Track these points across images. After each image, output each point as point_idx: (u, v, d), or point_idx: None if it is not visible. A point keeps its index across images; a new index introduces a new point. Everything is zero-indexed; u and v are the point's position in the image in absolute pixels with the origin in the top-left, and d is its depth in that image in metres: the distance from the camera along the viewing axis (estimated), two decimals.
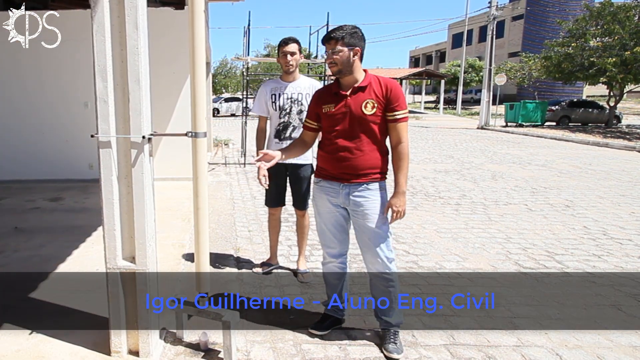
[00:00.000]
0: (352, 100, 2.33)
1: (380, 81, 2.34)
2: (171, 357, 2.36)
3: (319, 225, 2.59)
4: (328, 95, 2.44)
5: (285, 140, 3.25)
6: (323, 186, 2.50)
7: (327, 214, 2.52)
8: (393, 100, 2.30)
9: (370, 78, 2.35)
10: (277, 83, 3.31)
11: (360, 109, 2.31)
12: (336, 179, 2.42)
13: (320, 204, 2.53)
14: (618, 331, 2.70)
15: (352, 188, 2.38)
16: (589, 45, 18.71)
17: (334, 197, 2.45)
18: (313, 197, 2.62)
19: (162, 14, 6.35)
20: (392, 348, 2.40)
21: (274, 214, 3.52)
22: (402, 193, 2.35)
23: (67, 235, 4.23)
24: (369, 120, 2.31)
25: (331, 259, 2.61)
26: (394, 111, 2.31)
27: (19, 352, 2.32)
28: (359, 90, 2.34)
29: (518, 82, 29.53)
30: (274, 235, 3.59)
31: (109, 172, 2.13)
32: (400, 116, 2.32)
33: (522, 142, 14.73)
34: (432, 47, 55.75)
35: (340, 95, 2.37)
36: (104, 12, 2.01)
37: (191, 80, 2.20)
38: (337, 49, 2.28)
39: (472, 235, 4.60)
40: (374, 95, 2.31)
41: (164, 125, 6.58)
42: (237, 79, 37.62)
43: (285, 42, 3.21)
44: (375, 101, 2.31)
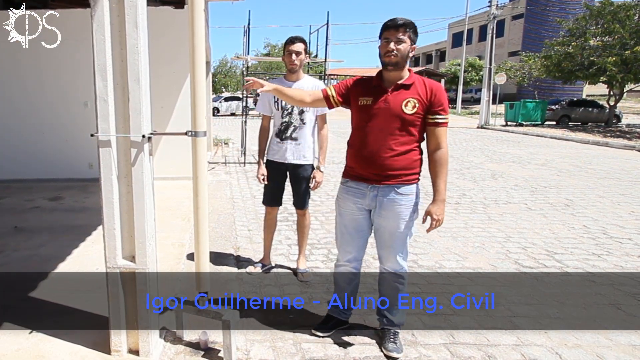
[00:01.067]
0: (392, 96, 2.25)
1: (426, 83, 2.27)
2: (171, 356, 2.36)
3: (339, 226, 2.52)
4: (368, 87, 2.34)
5: (287, 140, 3.25)
6: (350, 187, 2.42)
7: (349, 217, 2.45)
8: (437, 104, 2.23)
9: (415, 78, 2.28)
10: (280, 82, 3.27)
11: (400, 107, 2.23)
12: (364, 179, 2.35)
13: (344, 205, 2.46)
14: (617, 330, 2.71)
15: (380, 190, 2.32)
16: (589, 45, 18.71)
17: (360, 198, 2.38)
18: (337, 197, 2.54)
19: (162, 13, 6.34)
20: (392, 347, 2.39)
21: (271, 213, 3.51)
22: (442, 201, 2.30)
23: (67, 235, 4.23)
24: (407, 120, 2.23)
25: (345, 262, 2.55)
26: (437, 114, 2.25)
27: (19, 352, 2.32)
28: (402, 88, 2.25)
29: (518, 82, 29.51)
30: (269, 235, 3.57)
31: (109, 171, 2.13)
32: (441, 120, 2.26)
33: (522, 142, 14.73)
34: (432, 46, 55.73)
35: (381, 90, 2.28)
36: (104, 11, 2.00)
37: (191, 80, 2.19)
38: (403, 39, 2.18)
39: (471, 234, 4.61)
40: (417, 95, 2.23)
41: (164, 124, 6.58)
42: (237, 78, 37.64)
43: (292, 41, 3.18)
44: (417, 101, 2.23)
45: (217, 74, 39.64)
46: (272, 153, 3.35)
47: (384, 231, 2.38)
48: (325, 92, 2.50)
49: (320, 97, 2.49)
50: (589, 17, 19.53)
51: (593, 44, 18.64)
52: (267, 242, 3.59)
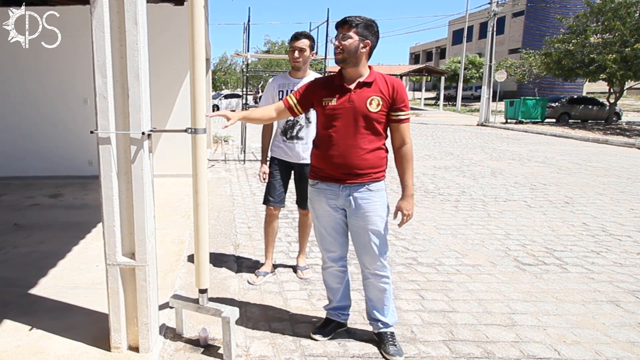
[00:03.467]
0: (356, 95, 2.23)
1: (387, 79, 2.27)
2: (171, 352, 2.37)
3: (318, 229, 2.50)
4: (330, 87, 2.32)
5: (293, 139, 3.15)
6: (320, 188, 2.39)
7: (326, 217, 2.43)
8: (399, 101, 2.24)
9: (376, 75, 2.27)
10: (285, 79, 3.19)
11: (364, 105, 2.21)
12: (335, 179, 2.32)
13: (318, 207, 2.44)
14: (616, 327, 2.71)
15: (352, 189, 2.30)
16: (589, 42, 18.68)
17: (333, 199, 2.36)
18: (310, 200, 2.50)
19: (162, 10, 6.32)
20: (393, 350, 2.35)
21: (273, 215, 3.35)
22: (410, 196, 2.31)
23: (66, 232, 4.23)
24: (372, 118, 2.23)
25: (331, 263, 2.53)
26: (400, 111, 2.26)
27: (19, 348, 2.32)
28: (364, 86, 2.24)
29: (518, 79, 29.46)
30: (271, 240, 3.40)
31: (109, 168, 2.13)
32: (404, 117, 2.28)
33: (522, 139, 14.72)
34: (432, 43, 55.63)
35: (344, 89, 2.26)
36: (103, 8, 2.00)
37: (191, 77, 2.19)
38: (348, 35, 2.18)
39: (471, 231, 4.61)
40: (380, 92, 2.22)
41: (164, 121, 6.57)
42: (237, 76, 37.57)
43: (296, 37, 3.06)
44: (380, 99, 2.22)
45: (217, 71, 39.56)
46: (277, 151, 3.24)
47: (363, 232, 2.34)
48: (286, 102, 2.46)
49: (283, 107, 2.46)
50: (589, 14, 19.49)
51: (593, 42, 18.61)
52: (269, 247, 3.42)
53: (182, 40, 6.21)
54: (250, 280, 3.30)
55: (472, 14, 34.87)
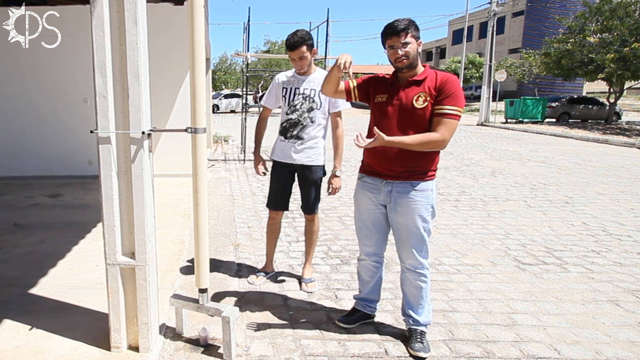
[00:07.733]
0: (404, 93, 2.26)
1: (438, 75, 2.24)
2: (171, 352, 2.37)
3: (357, 221, 2.56)
4: (384, 85, 2.37)
5: (292, 138, 3.04)
6: (365, 182, 2.45)
7: (366, 211, 2.48)
8: (444, 93, 2.18)
9: (428, 73, 2.26)
10: (291, 77, 3.10)
11: (411, 102, 2.23)
12: (378, 174, 2.37)
13: (360, 200, 2.50)
14: (616, 327, 2.71)
15: (394, 186, 2.32)
16: (588, 42, 18.69)
17: (375, 193, 2.40)
18: (354, 192, 2.56)
19: (162, 10, 6.32)
20: (419, 347, 2.36)
21: (275, 218, 3.28)
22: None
23: (66, 232, 4.23)
24: (419, 114, 2.22)
25: (365, 256, 2.58)
26: (442, 105, 2.18)
27: (19, 348, 2.32)
28: (414, 84, 2.25)
29: (518, 79, 29.48)
30: (272, 241, 3.35)
31: (109, 168, 2.13)
32: (448, 111, 2.17)
33: (522, 139, 14.73)
34: (432, 43, 55.57)
35: (395, 87, 2.31)
36: (103, 7, 2.00)
37: (191, 76, 2.19)
38: (407, 41, 2.18)
39: (471, 231, 4.61)
40: (427, 88, 2.22)
41: (164, 121, 6.57)
42: (237, 76, 37.59)
43: (291, 47, 2.92)
44: (427, 94, 2.21)
45: (217, 71, 39.56)
46: (277, 153, 3.15)
47: (401, 228, 2.37)
48: (347, 84, 2.50)
49: (342, 88, 2.50)
50: (588, 14, 19.50)
51: (592, 41, 18.62)
52: (270, 248, 3.37)
53: (182, 40, 6.21)
54: (250, 280, 3.28)
55: (472, 13, 34.84)
